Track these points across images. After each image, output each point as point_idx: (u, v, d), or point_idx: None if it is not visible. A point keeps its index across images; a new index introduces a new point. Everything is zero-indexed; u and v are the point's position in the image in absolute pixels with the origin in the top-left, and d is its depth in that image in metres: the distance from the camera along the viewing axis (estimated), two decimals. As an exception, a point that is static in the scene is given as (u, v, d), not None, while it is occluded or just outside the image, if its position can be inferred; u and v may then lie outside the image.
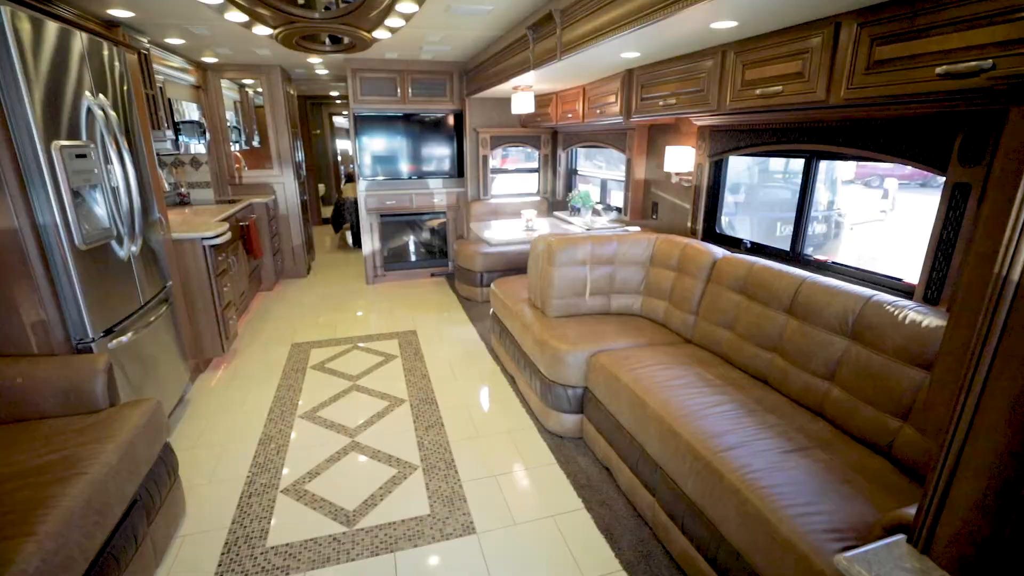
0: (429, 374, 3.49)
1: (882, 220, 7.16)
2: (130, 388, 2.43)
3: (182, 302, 3.28)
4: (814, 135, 2.37)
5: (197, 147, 4.74)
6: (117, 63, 2.55)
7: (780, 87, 2.10)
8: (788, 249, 2.65)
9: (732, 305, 2.48)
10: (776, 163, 5.87)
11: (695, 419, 1.94)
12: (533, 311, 3.10)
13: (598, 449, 2.51)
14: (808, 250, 2.62)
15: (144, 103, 3.20)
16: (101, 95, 2.31)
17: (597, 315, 3.06)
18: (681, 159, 3.18)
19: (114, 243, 2.35)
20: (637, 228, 3.45)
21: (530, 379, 2.95)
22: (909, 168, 2.09)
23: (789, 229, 5.22)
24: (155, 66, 3.80)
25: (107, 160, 2.30)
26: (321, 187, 10.33)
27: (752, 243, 2.86)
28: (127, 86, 2.64)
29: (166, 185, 3.92)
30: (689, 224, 3.24)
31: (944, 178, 1.88)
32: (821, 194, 5.87)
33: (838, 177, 6.32)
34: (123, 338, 2.39)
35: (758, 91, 2.21)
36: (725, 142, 2.88)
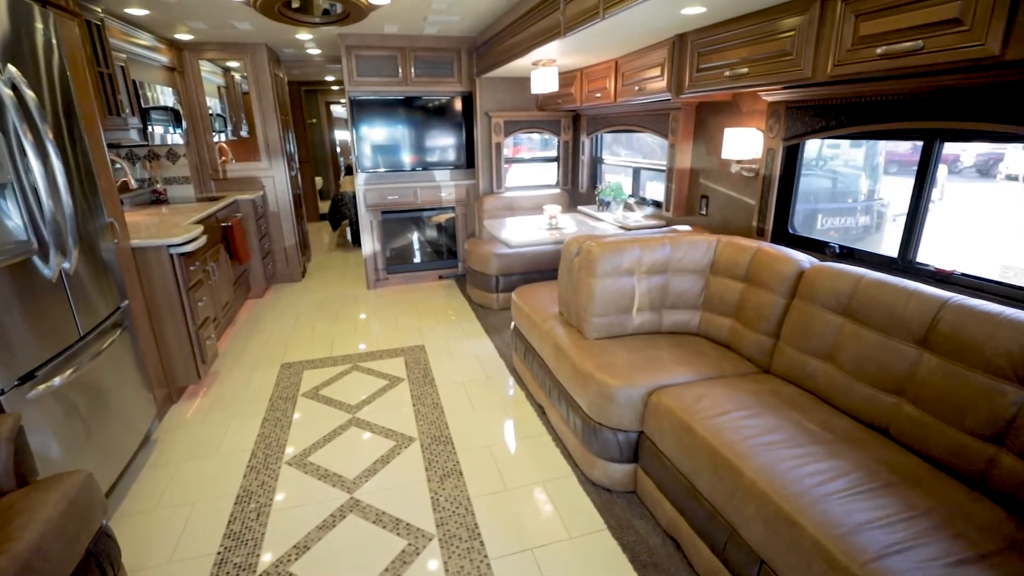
0: (442, 403, 2.97)
1: (929, 211, 6.57)
2: (71, 437, 1.92)
3: (146, 323, 2.76)
4: (941, 108, 1.81)
5: (174, 137, 4.20)
6: (46, 31, 2.00)
7: (918, 42, 1.54)
8: (896, 256, 2.10)
9: (831, 330, 1.94)
10: (810, 146, 5.30)
11: (816, 500, 1.40)
12: (567, 330, 2.56)
13: (660, 513, 1.99)
14: (921, 257, 2.07)
15: (93, 83, 2.65)
16: (12, 67, 1.77)
17: (646, 335, 2.52)
18: (744, 144, 2.62)
19: (36, 259, 1.82)
20: (687, 227, 2.90)
21: (566, 415, 2.42)
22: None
23: (832, 222, 4.65)
24: (115, 41, 3.25)
25: (22, 152, 1.76)
26: (319, 180, 9.77)
27: (842, 247, 2.31)
28: (61, 61, 2.09)
29: (133, 182, 3.39)
30: (754, 222, 2.69)
31: None
32: (862, 183, 5.31)
33: (880, 163, 5.75)
34: (55, 381, 1.87)
35: (880, 50, 1.65)
36: (807, 122, 2.32)
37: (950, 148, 6.98)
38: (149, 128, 3.75)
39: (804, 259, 2.16)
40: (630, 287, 2.44)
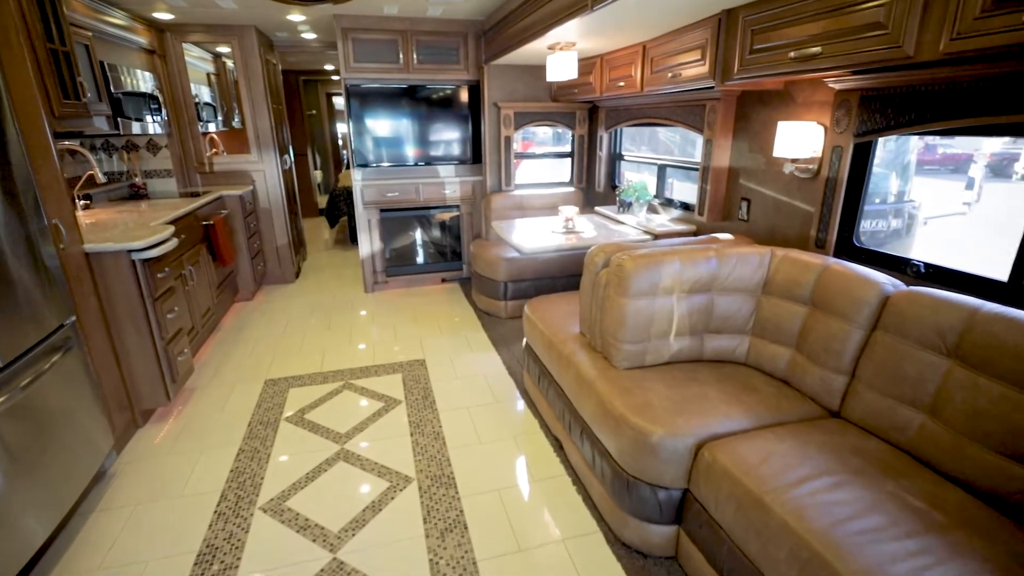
0: (444, 432, 2.60)
1: (965, 213, 6.17)
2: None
3: (104, 340, 2.39)
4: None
5: (154, 127, 3.83)
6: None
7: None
8: (1007, 280, 1.71)
9: (931, 374, 1.55)
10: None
11: (950, 624, 1.03)
12: (591, 356, 2.19)
13: (711, 593, 1.62)
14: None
15: (43, 61, 2.28)
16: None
17: (685, 363, 2.14)
18: (800, 140, 2.23)
19: (-64, 276, 1.46)
20: (727, 235, 2.52)
21: (591, 458, 2.05)
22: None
23: (861, 224, 4.27)
24: (79, 16, 2.89)
25: (-87, 140, 1.39)
26: (318, 174, 9.40)
27: (927, 266, 1.92)
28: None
29: (101, 176, 3.02)
30: (812, 232, 2.30)
31: None
32: (892, 182, 4.90)
33: (912, 161, 5.33)
34: (-35, 424, 1.51)
35: (1025, 16, 1.25)
36: (888, 114, 1.93)
37: (962, 147, 6.53)
38: (143, 117, 3.40)
39: (886, 281, 1.77)
40: (668, 308, 2.06)
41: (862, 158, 2.12)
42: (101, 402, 2.24)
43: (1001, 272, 1.71)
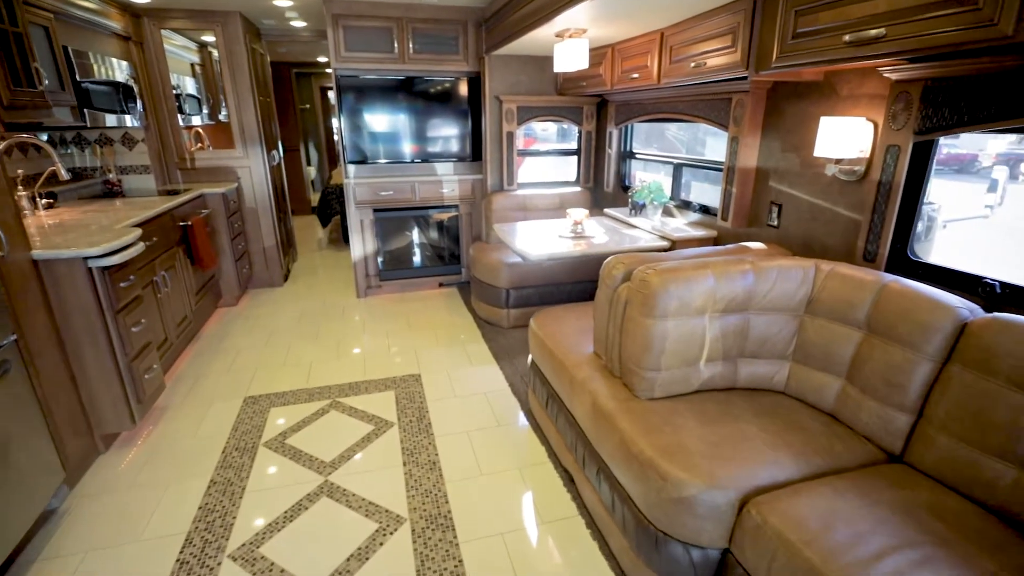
0: (440, 462, 2.33)
1: (987, 217, 5.92)
2: None
3: (56, 359, 2.11)
4: None
5: (130, 119, 3.54)
6: None
7: None
8: (1105, 304, 1.45)
9: (1027, 419, 1.29)
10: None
11: None
12: (608, 383, 1.92)
13: None
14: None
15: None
16: None
17: (717, 392, 1.88)
18: (846, 138, 1.96)
19: None
20: (759, 244, 2.26)
21: (610, 503, 1.79)
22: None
23: None
24: (37, -4, 2.59)
25: None
26: (312, 171, 9.11)
27: (1004, 285, 1.65)
28: None
29: (64, 172, 2.73)
30: (860, 242, 2.03)
31: None
32: None
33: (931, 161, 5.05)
34: None
35: None
36: (960, 108, 1.66)
37: (967, 146, 6.27)
38: (117, 108, 3.12)
39: (961, 305, 1.51)
40: (700, 330, 1.80)
41: (921, 159, 1.85)
42: (50, 431, 1.97)
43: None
